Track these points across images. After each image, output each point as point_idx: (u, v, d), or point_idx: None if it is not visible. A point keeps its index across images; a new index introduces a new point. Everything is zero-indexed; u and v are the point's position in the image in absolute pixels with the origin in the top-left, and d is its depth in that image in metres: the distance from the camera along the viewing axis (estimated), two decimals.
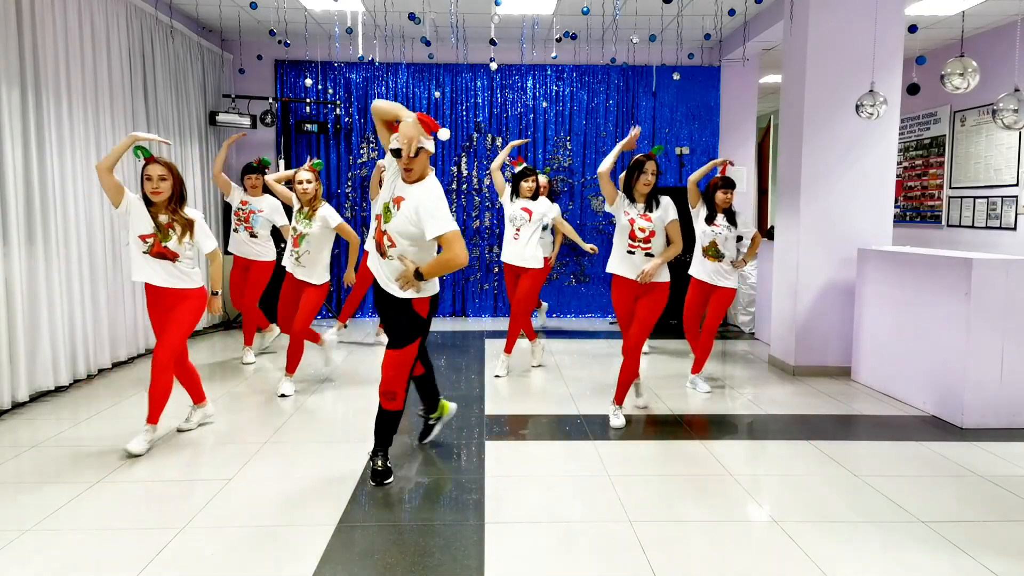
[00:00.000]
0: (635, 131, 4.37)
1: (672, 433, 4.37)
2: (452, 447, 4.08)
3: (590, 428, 4.44)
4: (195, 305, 3.99)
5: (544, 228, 6.59)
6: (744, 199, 8.80)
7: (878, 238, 5.78)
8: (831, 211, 5.76)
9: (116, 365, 5.90)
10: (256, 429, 4.35)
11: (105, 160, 3.80)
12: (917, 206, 8.73)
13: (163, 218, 3.84)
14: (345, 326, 6.89)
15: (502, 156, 5.69)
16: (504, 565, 2.75)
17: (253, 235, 6.02)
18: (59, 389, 5.14)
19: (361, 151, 8.51)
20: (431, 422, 4.12)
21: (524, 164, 5.86)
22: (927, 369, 4.85)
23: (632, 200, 4.38)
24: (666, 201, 4.37)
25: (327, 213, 4.99)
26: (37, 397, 4.94)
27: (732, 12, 6.93)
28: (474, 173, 8.59)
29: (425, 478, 3.63)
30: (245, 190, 6.09)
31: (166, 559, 2.76)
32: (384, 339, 6.93)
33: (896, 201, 8.89)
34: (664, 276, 4.38)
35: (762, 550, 2.88)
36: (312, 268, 5.01)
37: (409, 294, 3.33)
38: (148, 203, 3.85)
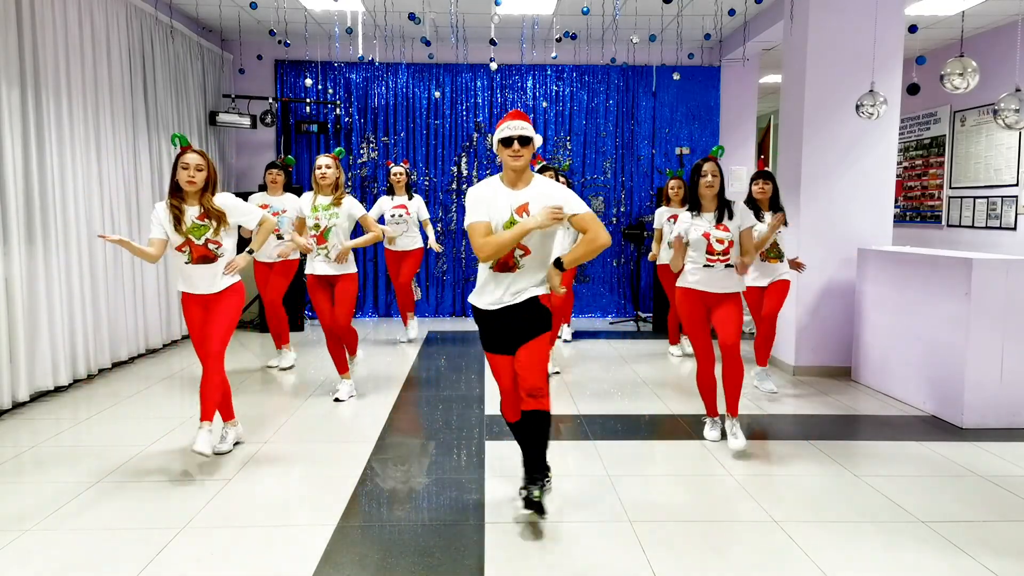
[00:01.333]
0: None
1: (672, 433, 4.37)
2: (452, 447, 4.08)
3: (590, 428, 4.44)
4: (236, 301, 3.85)
5: None
6: (743, 199, 8.79)
7: (878, 238, 5.78)
8: (831, 211, 5.75)
9: (116, 365, 5.90)
10: (256, 429, 4.35)
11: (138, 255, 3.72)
12: (917, 206, 8.73)
13: (193, 211, 3.68)
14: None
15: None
16: (504, 565, 2.74)
17: (279, 236, 5.77)
18: (59, 389, 5.14)
19: (361, 151, 8.51)
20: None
21: (543, 162, 5.78)
22: (927, 369, 4.85)
23: (699, 210, 4.10)
24: (741, 208, 4.11)
25: (352, 204, 4.94)
26: (37, 397, 4.94)
27: (732, 12, 6.93)
28: (474, 173, 8.59)
29: (425, 478, 3.63)
30: (265, 188, 5.96)
31: (166, 559, 2.76)
32: (411, 334, 7.08)
33: (896, 201, 8.89)
34: (739, 285, 4.17)
35: (762, 550, 2.88)
36: (343, 260, 4.90)
37: (540, 291, 3.18)
38: (178, 193, 3.69)
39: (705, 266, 4.06)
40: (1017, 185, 7.07)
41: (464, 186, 8.58)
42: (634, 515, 3.18)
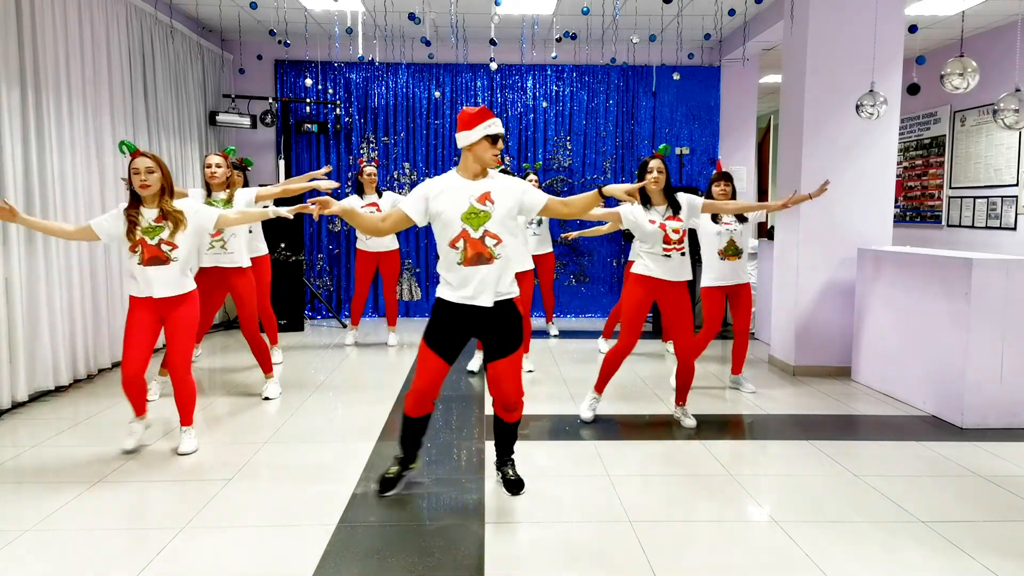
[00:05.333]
0: None
1: (672, 433, 4.37)
2: (452, 447, 4.08)
3: (590, 428, 4.44)
4: (193, 309, 3.89)
5: (533, 223, 6.56)
6: (744, 199, 8.80)
7: (878, 238, 5.78)
8: (831, 211, 5.75)
9: (116, 365, 5.89)
10: (256, 429, 4.35)
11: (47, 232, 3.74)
12: (917, 206, 8.73)
13: (151, 213, 3.69)
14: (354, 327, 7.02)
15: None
16: (504, 565, 2.74)
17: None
18: (59, 389, 5.14)
19: (361, 151, 8.51)
20: (405, 472, 3.52)
21: (501, 165, 5.66)
22: (927, 369, 4.85)
23: (649, 204, 4.27)
24: (686, 200, 4.26)
25: (242, 194, 4.92)
26: (37, 397, 4.94)
27: (732, 12, 6.93)
28: None
29: (425, 478, 3.63)
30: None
31: (166, 559, 2.76)
32: (393, 340, 6.95)
33: (896, 201, 8.89)
34: (689, 274, 4.34)
35: (762, 550, 2.88)
36: (240, 251, 4.91)
37: (516, 290, 3.25)
38: (138, 199, 3.70)
39: (663, 256, 4.24)
40: (1017, 185, 7.07)
41: None
42: (634, 515, 3.18)
